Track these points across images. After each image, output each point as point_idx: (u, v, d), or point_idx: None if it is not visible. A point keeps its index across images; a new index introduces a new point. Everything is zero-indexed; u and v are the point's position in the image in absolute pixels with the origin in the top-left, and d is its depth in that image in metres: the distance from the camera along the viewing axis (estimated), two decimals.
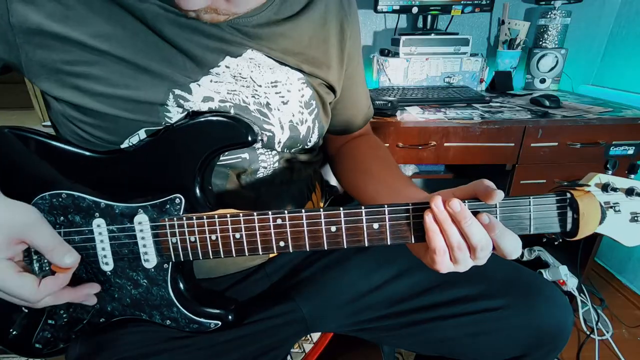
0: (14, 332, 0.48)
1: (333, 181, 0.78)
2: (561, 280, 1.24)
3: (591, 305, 1.27)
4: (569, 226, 0.39)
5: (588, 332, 1.27)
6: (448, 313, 0.53)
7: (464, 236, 0.38)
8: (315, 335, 0.69)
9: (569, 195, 0.38)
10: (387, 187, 0.54)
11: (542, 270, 1.29)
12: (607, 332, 1.27)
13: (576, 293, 1.26)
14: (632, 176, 0.39)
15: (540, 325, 0.52)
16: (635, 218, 0.38)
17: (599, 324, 1.28)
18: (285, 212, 0.42)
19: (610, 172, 0.39)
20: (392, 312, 0.56)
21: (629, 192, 0.38)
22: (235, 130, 0.44)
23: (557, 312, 0.52)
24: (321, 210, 0.41)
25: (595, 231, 0.38)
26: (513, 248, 0.38)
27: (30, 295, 0.39)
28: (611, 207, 0.38)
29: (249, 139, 0.44)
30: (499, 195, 0.37)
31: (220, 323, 0.49)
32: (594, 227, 0.38)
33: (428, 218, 0.38)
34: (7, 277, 0.38)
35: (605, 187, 0.38)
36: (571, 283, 1.23)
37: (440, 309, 0.54)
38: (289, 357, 0.66)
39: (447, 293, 0.54)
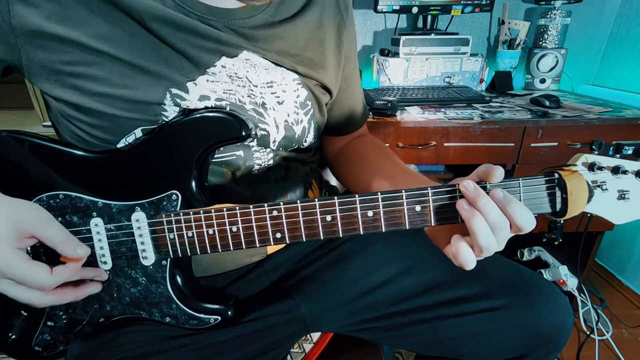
0: (13, 336, 0.48)
1: (333, 181, 0.78)
2: (561, 280, 1.23)
3: (591, 305, 1.26)
4: (558, 206, 0.39)
5: (588, 332, 1.26)
6: (448, 313, 0.53)
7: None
8: (315, 335, 0.69)
9: (556, 175, 0.39)
10: (402, 185, 0.52)
11: (542, 270, 1.29)
12: (607, 332, 1.27)
13: (576, 293, 1.26)
14: (618, 155, 0.40)
15: (540, 325, 0.51)
16: (623, 196, 0.39)
17: (599, 324, 1.28)
18: (281, 203, 0.42)
19: (596, 152, 0.40)
20: (392, 312, 0.56)
21: (615, 170, 0.38)
22: (229, 125, 0.44)
23: (557, 312, 0.52)
24: (316, 200, 0.41)
25: (584, 210, 0.39)
26: (528, 222, 0.37)
27: (46, 279, 0.39)
28: (598, 186, 0.39)
29: (243, 133, 0.44)
30: (499, 170, 0.38)
31: (219, 318, 0.49)
32: (583, 206, 0.38)
33: (462, 203, 0.37)
34: (20, 265, 0.38)
35: (591, 167, 0.39)
36: (571, 283, 1.23)
37: (441, 309, 0.54)
38: (289, 357, 0.65)
39: (447, 293, 0.54)
